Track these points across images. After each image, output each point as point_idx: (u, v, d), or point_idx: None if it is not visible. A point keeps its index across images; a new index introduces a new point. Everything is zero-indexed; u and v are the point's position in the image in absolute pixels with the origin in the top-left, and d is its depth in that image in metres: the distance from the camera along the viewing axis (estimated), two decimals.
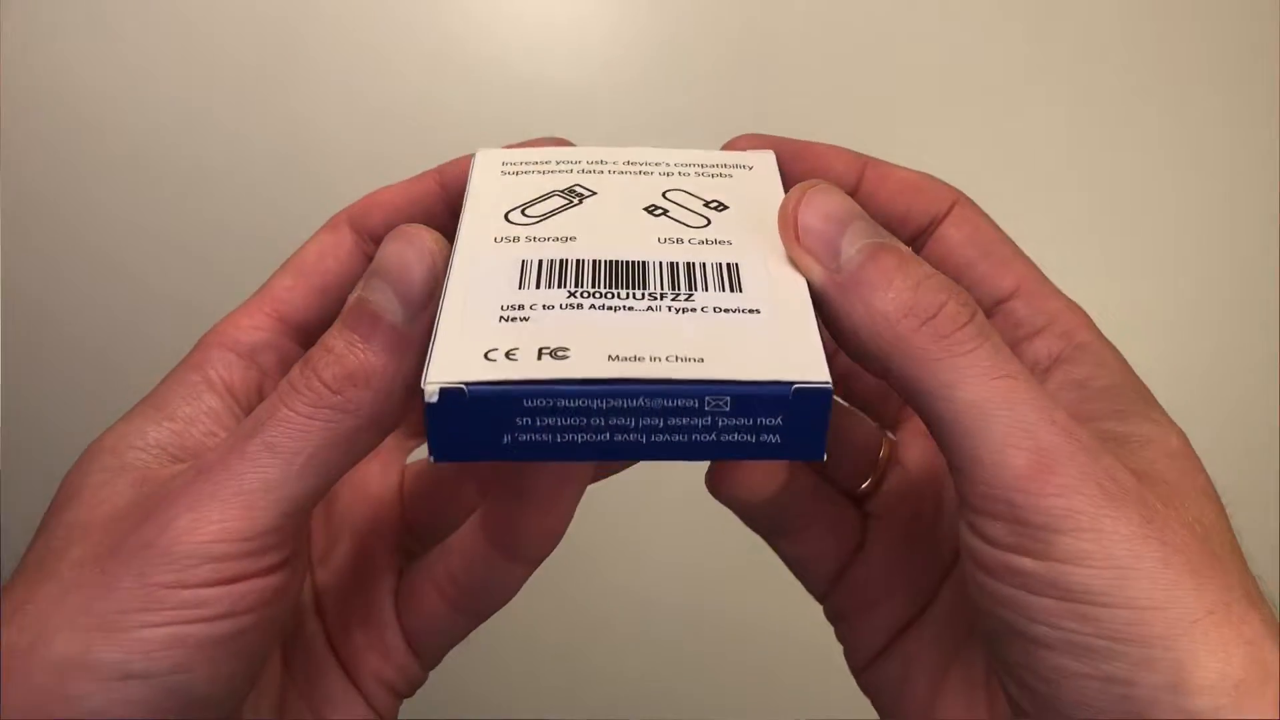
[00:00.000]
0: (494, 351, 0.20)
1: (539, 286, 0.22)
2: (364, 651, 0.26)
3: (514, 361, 0.19)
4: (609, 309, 0.21)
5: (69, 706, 0.19)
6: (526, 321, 0.21)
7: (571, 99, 0.58)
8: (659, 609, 0.60)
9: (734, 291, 0.22)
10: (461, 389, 0.19)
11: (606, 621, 0.61)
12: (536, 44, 0.58)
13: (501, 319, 0.21)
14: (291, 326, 0.26)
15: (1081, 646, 0.19)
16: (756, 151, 0.27)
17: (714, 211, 0.25)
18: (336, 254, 0.26)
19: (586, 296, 0.21)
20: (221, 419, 0.23)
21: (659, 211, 0.25)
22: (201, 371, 0.24)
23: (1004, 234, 0.26)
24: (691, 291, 0.22)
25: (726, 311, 0.21)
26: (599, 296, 0.21)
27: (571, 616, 0.60)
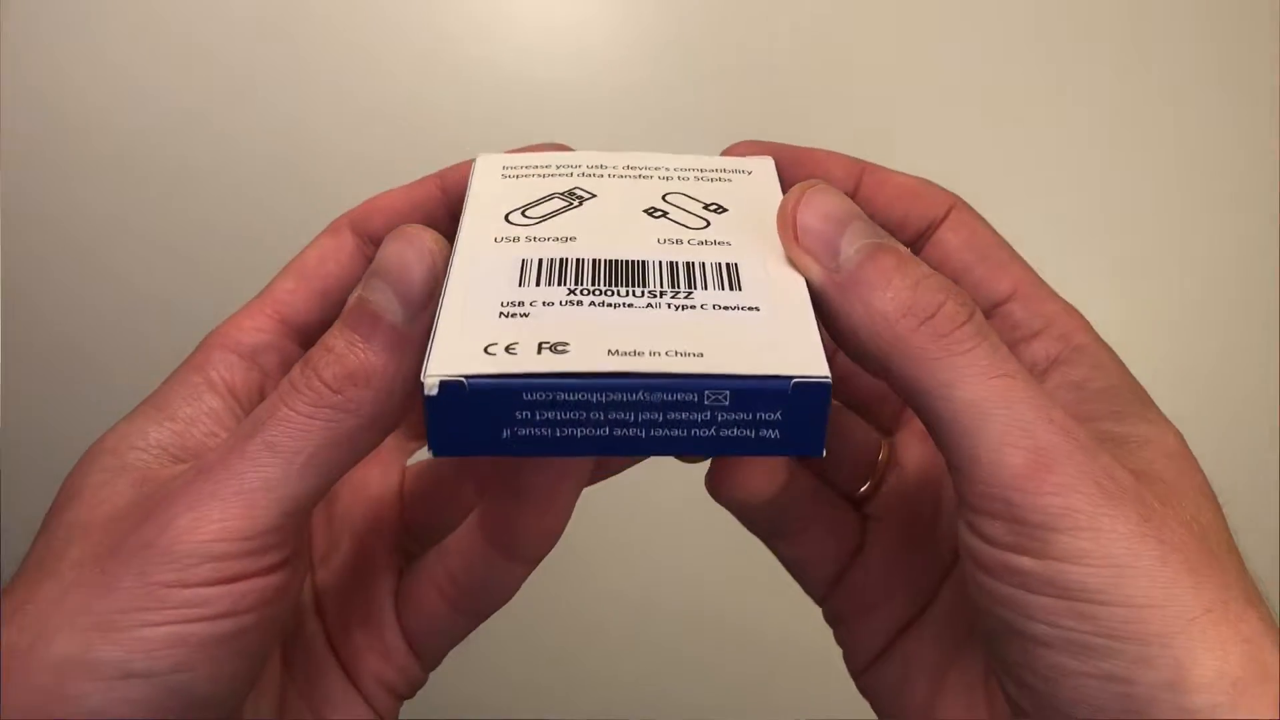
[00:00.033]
0: (494, 346, 0.20)
1: (539, 284, 0.22)
2: (364, 652, 0.26)
3: (513, 356, 0.19)
4: (609, 306, 0.21)
5: (69, 706, 0.19)
6: (526, 318, 0.21)
7: (571, 103, 0.58)
8: (657, 611, 0.60)
9: (733, 290, 0.22)
10: (461, 382, 0.19)
11: (605, 623, 0.61)
12: (536, 47, 0.58)
13: (501, 315, 0.21)
14: (293, 328, 0.26)
15: (1079, 644, 0.19)
16: (756, 157, 0.27)
17: (713, 214, 0.25)
18: (338, 257, 0.26)
19: (586, 294, 0.21)
20: (222, 419, 0.23)
21: (659, 214, 0.25)
22: (203, 372, 0.24)
23: (1001, 238, 0.26)
24: (691, 290, 0.22)
25: (726, 309, 0.21)
26: (599, 294, 0.21)
27: (570, 619, 0.60)
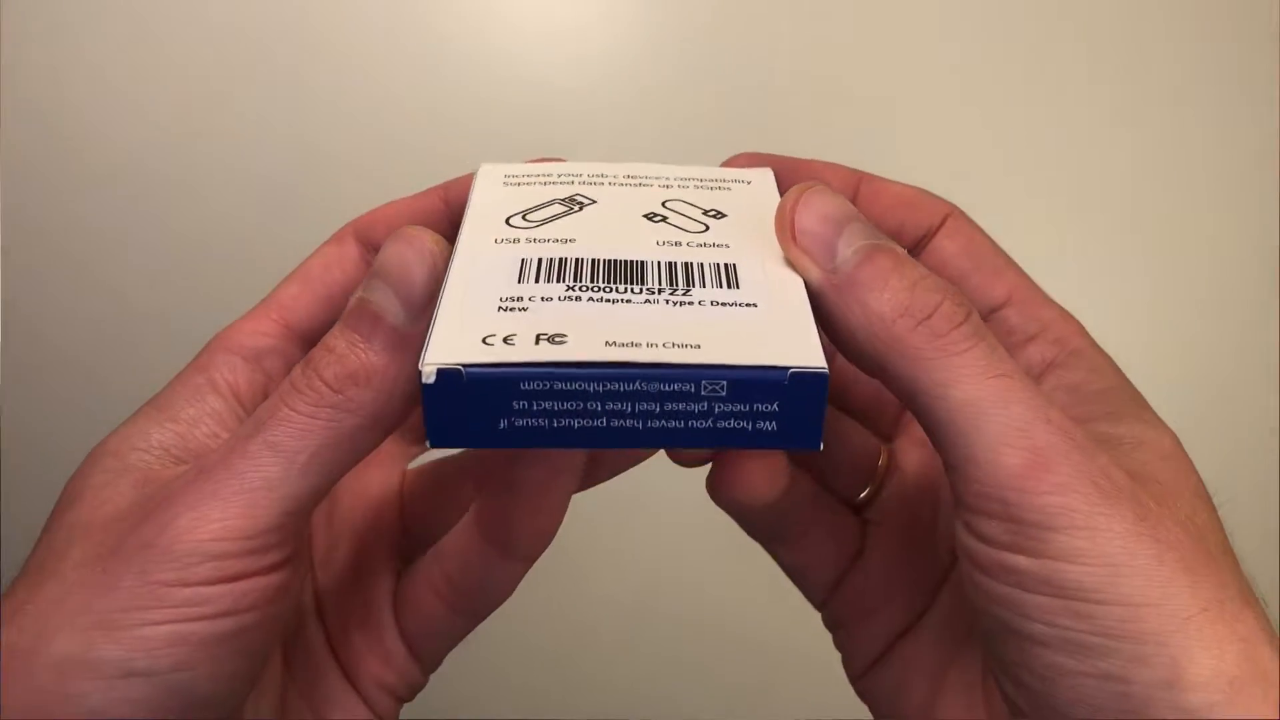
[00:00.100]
0: (492, 337, 0.20)
1: (538, 281, 0.22)
2: (364, 655, 0.26)
3: (511, 346, 0.20)
4: (607, 301, 0.21)
5: (70, 705, 0.19)
6: (525, 311, 0.21)
7: (572, 111, 0.58)
8: (656, 614, 0.60)
9: (731, 288, 0.22)
10: (459, 370, 0.19)
11: (605, 626, 0.60)
12: (537, 54, 0.58)
13: (500, 309, 0.21)
14: (297, 333, 0.26)
15: (1077, 644, 0.19)
16: (755, 168, 0.28)
17: (712, 219, 0.25)
18: (342, 264, 0.27)
19: (585, 290, 0.21)
20: (225, 420, 0.23)
21: (658, 218, 0.25)
22: (206, 374, 0.24)
23: (996, 245, 0.26)
24: (689, 287, 0.22)
25: (724, 305, 0.21)
26: (597, 290, 0.21)
27: (570, 621, 0.60)
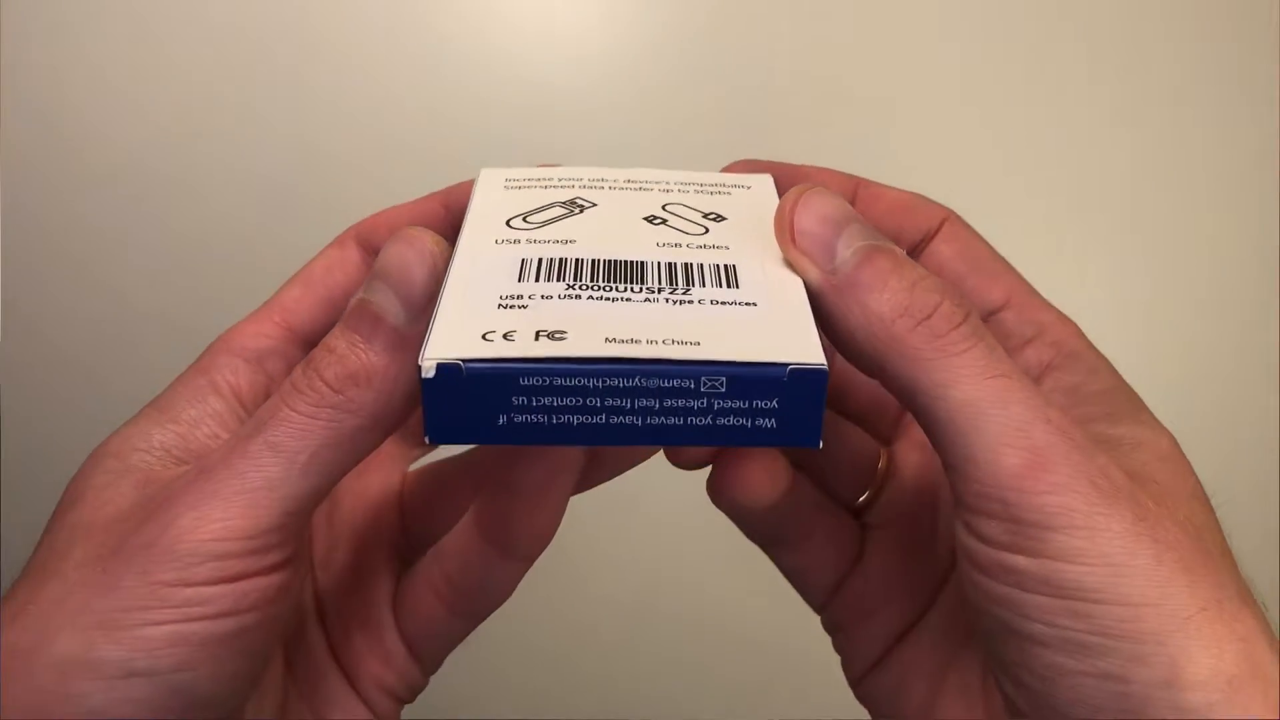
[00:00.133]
0: (491, 333, 0.20)
1: (538, 280, 0.22)
2: (364, 657, 0.26)
3: (511, 342, 0.20)
4: (607, 300, 0.21)
5: (71, 705, 0.19)
6: (525, 309, 0.21)
7: (572, 113, 0.58)
8: (656, 615, 0.60)
9: (731, 288, 0.22)
10: (458, 365, 0.19)
11: (605, 627, 0.60)
12: (538, 57, 0.58)
13: (500, 306, 0.21)
14: (299, 335, 0.26)
15: (1076, 643, 0.19)
16: (755, 174, 0.28)
17: (712, 222, 0.25)
18: (344, 267, 0.27)
19: (585, 289, 0.22)
20: (226, 421, 0.23)
21: (658, 221, 0.25)
22: (208, 375, 0.24)
23: (993, 249, 0.26)
24: (689, 287, 0.22)
25: (723, 304, 0.21)
26: (597, 289, 0.22)
27: (570, 623, 0.60)
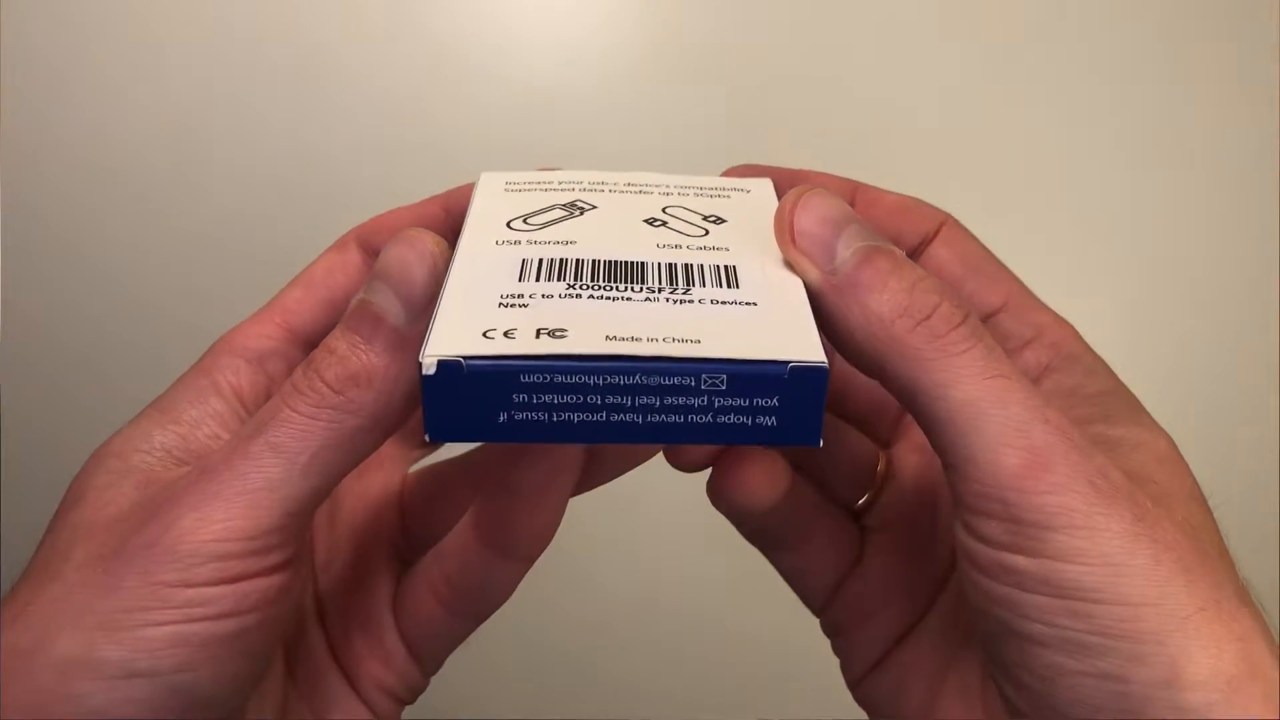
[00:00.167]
0: (492, 331, 0.20)
1: (539, 280, 0.22)
2: (364, 658, 0.26)
3: (512, 340, 0.20)
4: (607, 299, 0.21)
5: (71, 705, 0.19)
6: (525, 308, 0.21)
7: (572, 114, 0.59)
8: (656, 615, 0.60)
9: (731, 288, 0.22)
10: (459, 362, 0.19)
11: (604, 628, 0.61)
12: (539, 60, 0.59)
13: (501, 305, 0.21)
14: (300, 337, 0.26)
15: (1076, 643, 0.19)
16: (754, 179, 0.28)
17: (712, 224, 0.25)
18: (345, 269, 0.27)
19: (585, 289, 0.22)
20: (227, 422, 0.23)
21: (658, 223, 0.25)
22: (210, 376, 0.24)
23: (990, 253, 0.26)
24: (689, 287, 0.22)
25: (724, 304, 0.21)
26: (598, 289, 0.22)
27: (568, 622, 0.60)
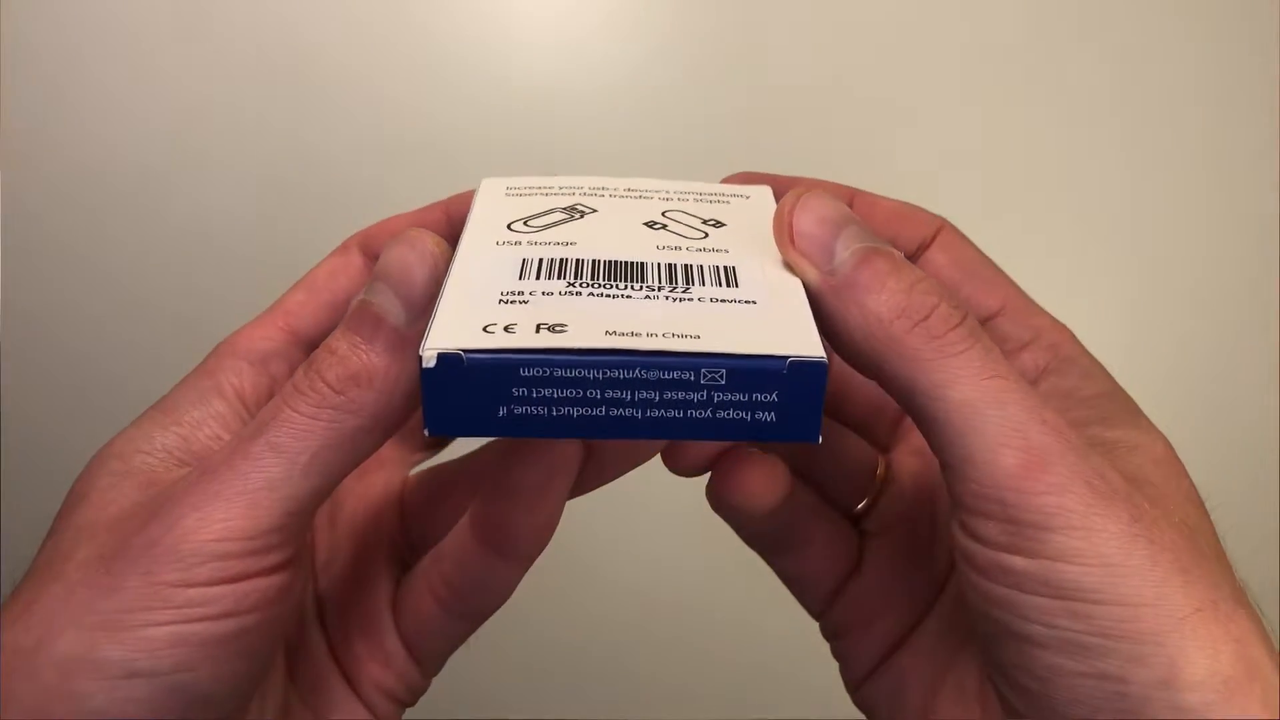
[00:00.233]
0: (492, 325, 0.20)
1: (539, 278, 0.22)
2: (365, 660, 0.26)
3: (512, 334, 0.20)
4: (607, 297, 0.21)
5: (72, 705, 0.20)
6: (526, 304, 0.21)
7: (572, 118, 0.59)
8: (656, 614, 0.60)
9: (731, 287, 0.22)
10: (459, 355, 0.19)
11: (604, 627, 0.61)
12: (538, 59, 0.59)
13: (501, 301, 0.21)
14: (302, 339, 0.26)
15: (1074, 644, 0.19)
16: (754, 185, 0.28)
17: (712, 228, 0.25)
18: (347, 272, 0.27)
19: (585, 287, 0.22)
20: (228, 423, 0.24)
21: (658, 226, 0.25)
22: (212, 378, 0.24)
23: (987, 257, 0.26)
24: (689, 286, 0.22)
25: (723, 302, 0.22)
26: (598, 287, 0.22)
27: (568, 623, 0.60)
